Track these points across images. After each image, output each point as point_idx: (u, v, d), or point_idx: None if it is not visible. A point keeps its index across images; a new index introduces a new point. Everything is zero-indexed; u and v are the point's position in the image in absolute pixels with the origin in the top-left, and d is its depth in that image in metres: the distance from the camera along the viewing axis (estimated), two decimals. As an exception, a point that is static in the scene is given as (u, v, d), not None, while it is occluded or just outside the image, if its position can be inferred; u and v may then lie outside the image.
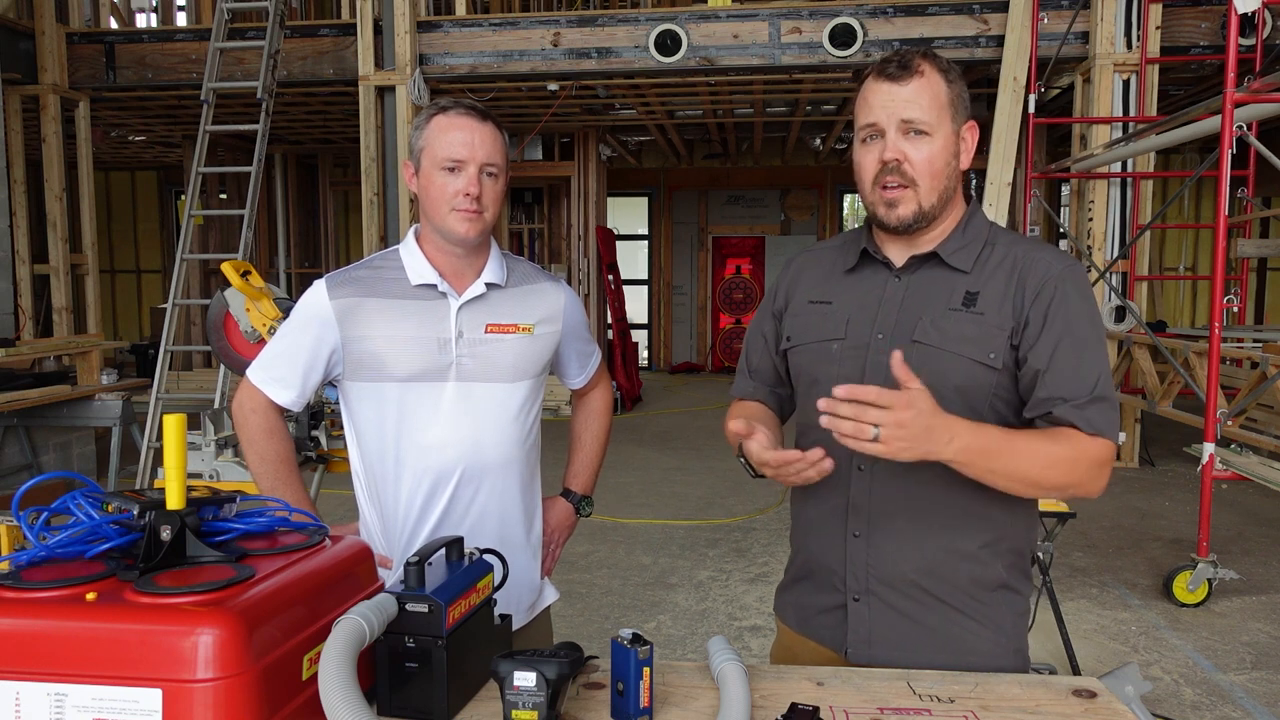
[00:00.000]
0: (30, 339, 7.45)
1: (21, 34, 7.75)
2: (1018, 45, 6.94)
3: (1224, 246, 4.30)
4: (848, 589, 1.41)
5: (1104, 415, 1.30)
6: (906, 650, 1.38)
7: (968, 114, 1.37)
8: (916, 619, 1.38)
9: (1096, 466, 1.30)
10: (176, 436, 1.10)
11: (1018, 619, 1.41)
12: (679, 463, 7.34)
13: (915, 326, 1.35)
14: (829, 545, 1.43)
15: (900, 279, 1.40)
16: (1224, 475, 4.26)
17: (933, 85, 1.33)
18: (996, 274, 1.35)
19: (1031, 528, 1.46)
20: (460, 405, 1.63)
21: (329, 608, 1.11)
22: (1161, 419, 6.49)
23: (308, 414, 3.21)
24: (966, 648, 1.37)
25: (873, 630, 1.40)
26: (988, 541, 1.37)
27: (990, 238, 1.40)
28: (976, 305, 1.33)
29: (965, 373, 1.32)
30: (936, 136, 1.33)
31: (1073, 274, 1.34)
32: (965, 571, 1.37)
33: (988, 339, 1.32)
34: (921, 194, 1.34)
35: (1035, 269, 1.34)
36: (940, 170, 1.34)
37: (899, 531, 1.37)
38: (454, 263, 1.65)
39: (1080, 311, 1.32)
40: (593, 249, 10.62)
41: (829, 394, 1.40)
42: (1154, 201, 7.65)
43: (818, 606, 1.46)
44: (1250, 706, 3.23)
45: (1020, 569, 1.42)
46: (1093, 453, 1.29)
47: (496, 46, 7.62)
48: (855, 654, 1.40)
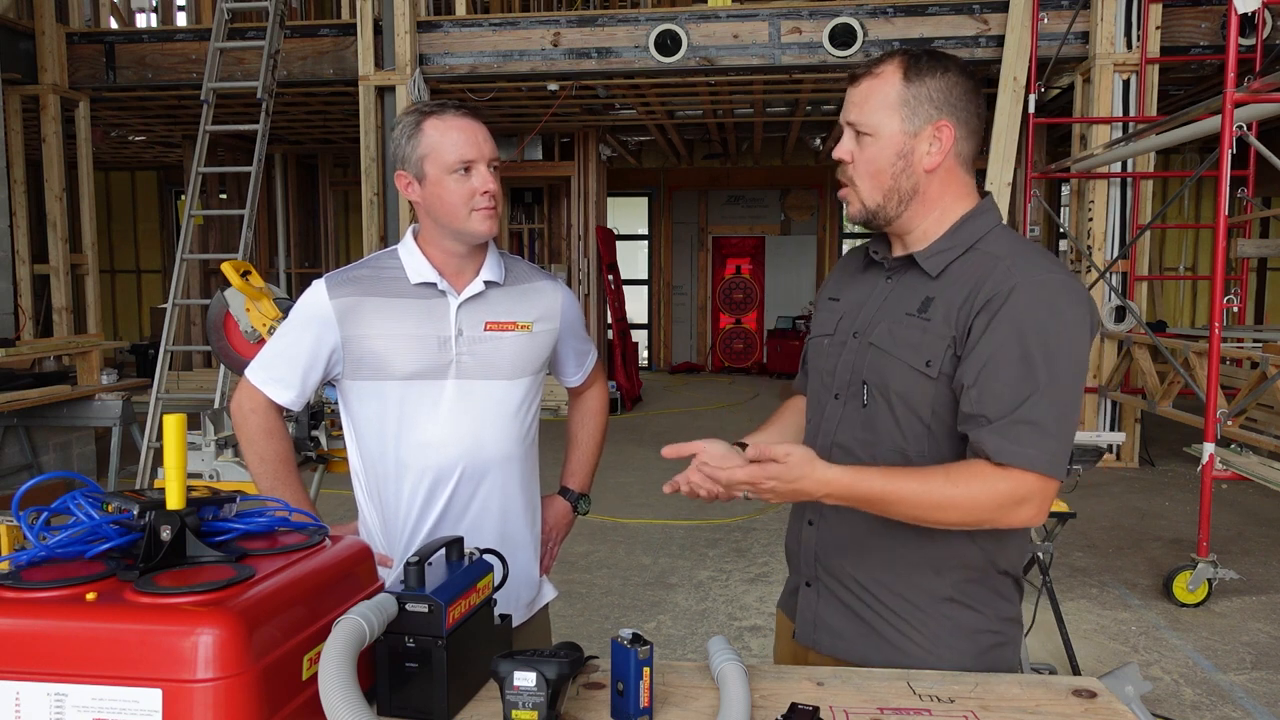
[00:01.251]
0: (30, 339, 7.45)
1: (21, 34, 7.75)
2: (1018, 45, 6.94)
3: (1224, 246, 4.30)
4: (801, 573, 1.47)
5: (1025, 440, 1.20)
6: (845, 641, 1.39)
7: (943, 113, 1.30)
8: (857, 614, 1.39)
9: (1008, 504, 1.21)
10: (176, 436, 1.10)
11: (968, 637, 1.34)
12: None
13: (875, 329, 1.36)
14: (794, 529, 1.50)
15: (890, 280, 1.40)
16: (1224, 475, 4.25)
17: (884, 86, 1.31)
18: (959, 281, 1.29)
19: (1003, 547, 1.36)
20: (460, 403, 1.63)
21: (329, 608, 1.11)
22: (1161, 419, 6.49)
23: (308, 414, 3.20)
24: (902, 652, 1.35)
25: (818, 616, 1.43)
26: (931, 555, 1.34)
27: (980, 243, 1.32)
28: (927, 312, 1.31)
29: (906, 379, 1.31)
30: (879, 137, 1.31)
31: (1040, 287, 1.24)
32: (903, 580, 1.36)
33: (928, 346, 1.29)
34: (862, 193, 1.35)
35: (993, 277, 1.26)
36: (882, 170, 1.32)
37: (845, 525, 1.39)
38: (453, 262, 1.65)
39: (1030, 325, 1.22)
40: (593, 249, 10.62)
41: (818, 386, 1.46)
42: (1154, 201, 7.65)
43: (790, 586, 1.54)
44: (1250, 706, 3.23)
45: (984, 586, 1.35)
46: (1000, 490, 1.20)
47: (496, 46, 7.62)
48: (802, 635, 1.46)
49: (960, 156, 1.34)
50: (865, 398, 1.35)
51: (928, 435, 1.31)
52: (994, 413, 1.22)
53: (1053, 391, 1.22)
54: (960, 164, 1.35)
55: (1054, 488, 1.23)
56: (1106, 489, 6.39)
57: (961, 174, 1.36)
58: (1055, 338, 1.23)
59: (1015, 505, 1.22)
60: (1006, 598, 1.39)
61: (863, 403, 1.36)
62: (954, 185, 1.35)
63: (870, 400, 1.35)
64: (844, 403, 1.38)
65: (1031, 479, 1.21)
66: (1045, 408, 1.21)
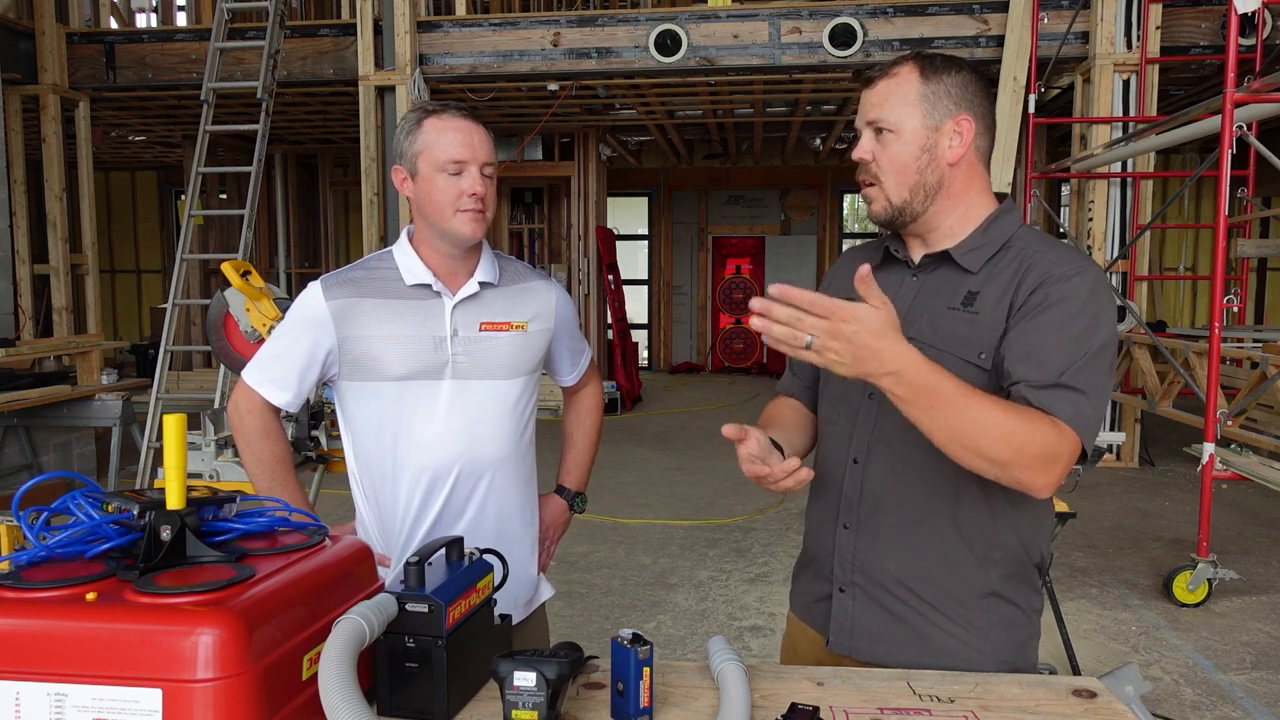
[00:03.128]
0: (30, 339, 7.45)
1: (21, 34, 7.75)
2: (1018, 45, 6.94)
3: (1224, 246, 4.30)
4: (834, 579, 1.43)
5: (1066, 402, 1.21)
6: (885, 646, 1.38)
7: (961, 108, 1.33)
8: (898, 616, 1.38)
9: (1045, 456, 1.19)
10: (176, 436, 1.10)
11: (1009, 630, 1.37)
12: (679, 463, 7.34)
13: (915, 324, 1.35)
14: (824, 535, 1.46)
15: (916, 277, 1.40)
16: (1224, 475, 4.25)
17: (903, 84, 1.33)
18: (1002, 275, 1.33)
19: (1037, 537, 1.39)
20: (456, 403, 1.64)
21: (329, 608, 1.11)
22: (1161, 419, 6.49)
23: (307, 414, 3.21)
24: (946, 651, 1.35)
25: (854, 622, 1.41)
26: (977, 548, 1.35)
27: (1012, 240, 1.35)
28: (974, 305, 1.32)
29: (955, 372, 1.29)
30: (902, 133, 1.33)
31: (1080, 276, 1.28)
32: (950, 575, 1.35)
33: (979, 339, 1.30)
34: (889, 190, 1.35)
35: (1037, 268, 1.30)
36: (907, 165, 1.34)
37: (886, 528, 1.37)
38: (448, 262, 1.66)
39: (1072, 308, 1.26)
40: (593, 249, 10.62)
41: (840, 389, 1.43)
42: (1154, 201, 7.65)
43: (814, 594, 1.49)
44: (1250, 706, 3.23)
45: (1020, 579, 1.38)
46: (1046, 438, 1.19)
47: (496, 46, 7.62)
48: (836, 644, 1.43)
49: (980, 152, 1.37)
50: None
51: None
52: (1035, 377, 1.23)
53: (1094, 369, 1.24)
54: (980, 159, 1.37)
55: (1076, 456, 1.23)
56: (1106, 489, 6.39)
57: (982, 170, 1.38)
58: (1097, 324, 1.26)
59: (1049, 462, 1.20)
60: (1037, 590, 1.42)
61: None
62: (977, 180, 1.38)
63: None
64: (879, 401, 1.36)
65: (1067, 439, 1.20)
66: (1088, 379, 1.23)
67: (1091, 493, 6.19)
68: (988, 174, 1.39)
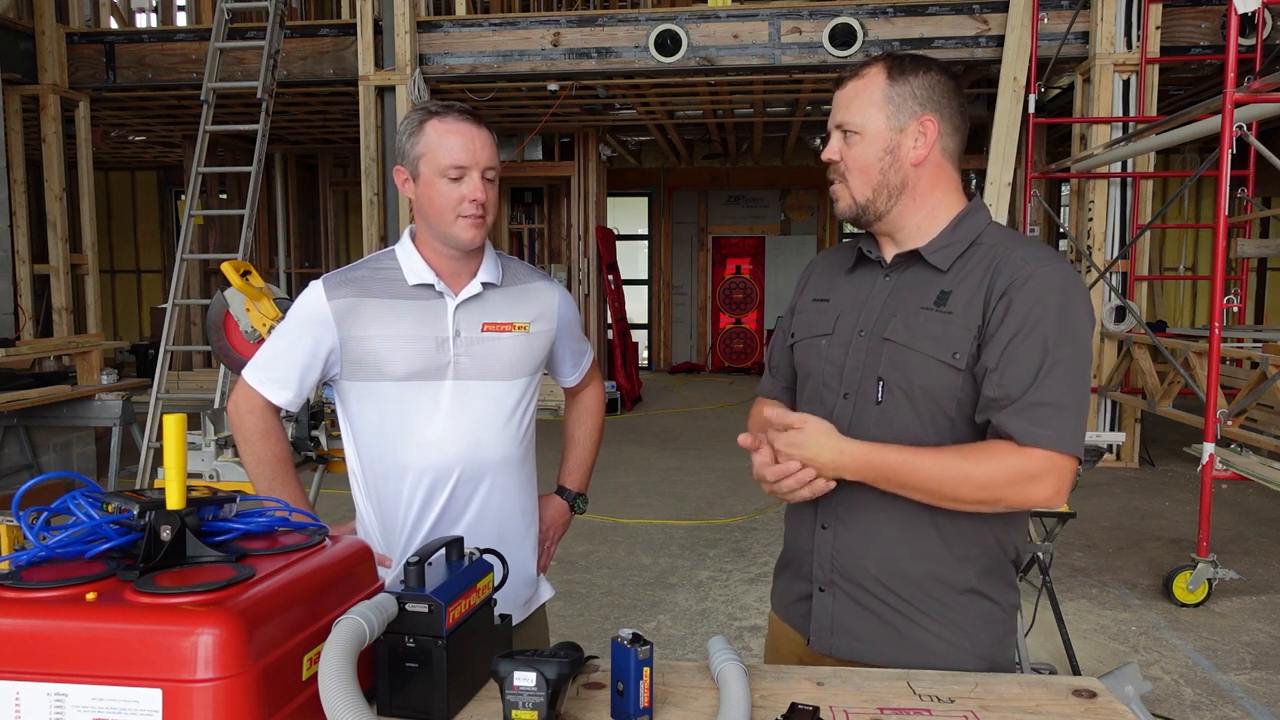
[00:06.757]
0: (30, 339, 7.44)
1: (21, 34, 7.75)
2: (1017, 45, 6.94)
3: (1224, 246, 4.30)
4: (814, 579, 1.44)
5: (1044, 421, 1.24)
6: (866, 644, 1.39)
7: (927, 109, 1.34)
8: (878, 614, 1.38)
9: (1023, 480, 1.25)
10: (176, 436, 1.10)
11: (987, 626, 1.38)
12: (679, 463, 7.34)
13: (889, 324, 1.36)
14: (802, 535, 1.47)
15: (889, 277, 1.41)
16: (1224, 475, 4.25)
17: (870, 85, 1.36)
18: (973, 273, 1.33)
19: (1012, 533, 1.40)
20: (458, 403, 1.63)
21: (329, 608, 1.11)
22: (1161, 419, 6.49)
23: (307, 414, 3.21)
24: (926, 648, 1.36)
25: (834, 621, 1.42)
26: (955, 545, 1.35)
27: (981, 237, 1.36)
28: (947, 305, 1.33)
29: (930, 372, 1.32)
30: (866, 134, 1.36)
31: (1051, 274, 1.29)
32: (928, 572, 1.36)
33: (953, 339, 1.31)
34: (853, 188, 1.38)
35: (1008, 266, 1.30)
36: (870, 165, 1.36)
37: (864, 526, 1.38)
38: (450, 263, 1.66)
39: (1047, 311, 1.27)
40: (593, 249, 10.62)
41: (820, 388, 1.46)
42: (1154, 201, 7.65)
43: (794, 594, 1.50)
44: (1250, 706, 3.23)
45: (998, 576, 1.39)
46: (1016, 466, 1.24)
47: (496, 46, 7.62)
48: (817, 643, 1.43)
49: (946, 152, 1.38)
50: (880, 394, 1.35)
51: (950, 427, 1.33)
52: (1015, 392, 1.26)
53: (1067, 372, 1.26)
54: (947, 159, 1.38)
55: (1072, 466, 1.26)
56: (1106, 489, 6.39)
57: (949, 170, 1.39)
58: (1068, 323, 1.28)
59: (1027, 482, 1.25)
60: (1013, 585, 1.43)
61: (877, 399, 1.36)
62: (943, 181, 1.39)
63: (887, 396, 1.35)
64: (854, 401, 1.38)
65: (1049, 457, 1.25)
66: (1061, 388, 1.25)
67: (1091, 493, 6.19)
68: (957, 174, 1.41)
